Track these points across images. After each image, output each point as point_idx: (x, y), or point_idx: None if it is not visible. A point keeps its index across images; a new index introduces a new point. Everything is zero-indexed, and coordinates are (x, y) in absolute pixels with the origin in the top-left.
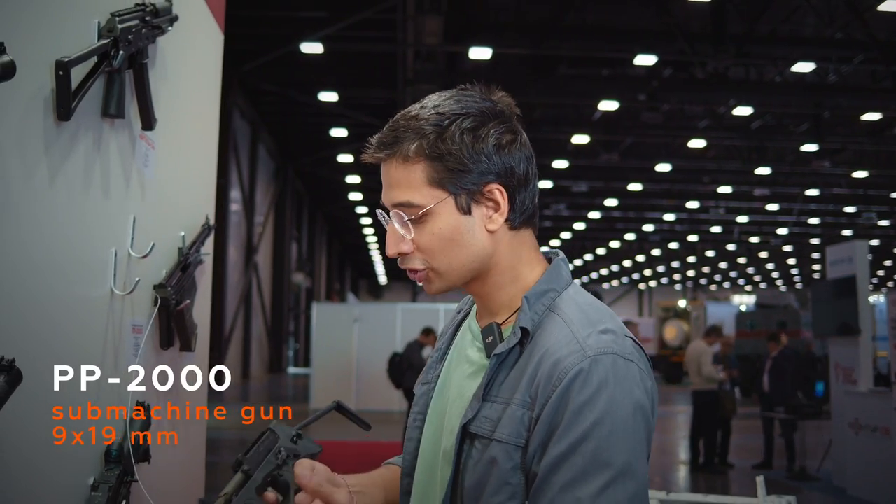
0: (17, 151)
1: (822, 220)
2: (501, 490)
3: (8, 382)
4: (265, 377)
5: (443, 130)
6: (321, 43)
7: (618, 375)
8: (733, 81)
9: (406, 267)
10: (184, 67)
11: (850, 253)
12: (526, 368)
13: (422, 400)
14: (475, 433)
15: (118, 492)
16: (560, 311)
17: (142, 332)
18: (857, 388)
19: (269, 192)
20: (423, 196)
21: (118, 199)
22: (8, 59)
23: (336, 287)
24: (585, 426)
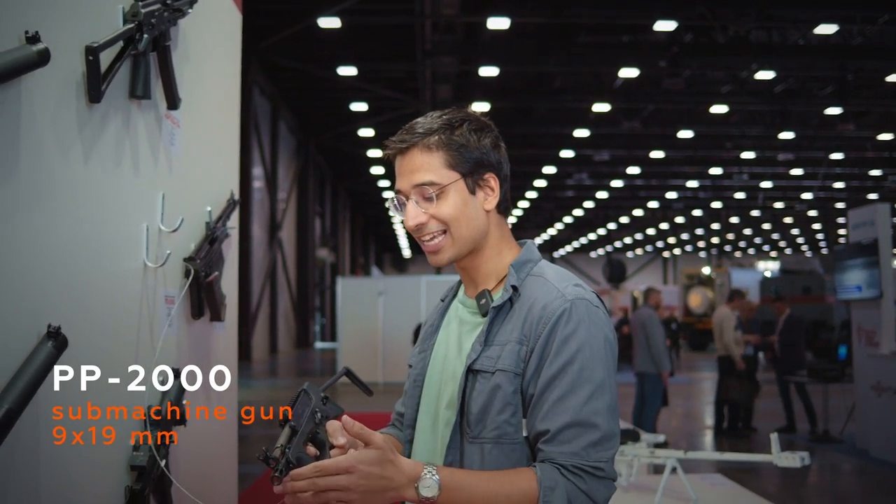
0: (54, 133)
1: (847, 184)
2: (505, 409)
3: (56, 347)
4: (292, 352)
5: (454, 128)
6: (339, 17)
7: (590, 315)
8: (755, 45)
9: (424, 234)
10: (204, 48)
11: (872, 216)
12: (517, 316)
13: (420, 364)
14: (478, 369)
15: (158, 452)
16: (539, 274)
17: (174, 302)
18: (879, 350)
19: (291, 169)
20: (442, 176)
21: (147, 177)
22: (43, 46)
23: (360, 261)
24: (571, 352)
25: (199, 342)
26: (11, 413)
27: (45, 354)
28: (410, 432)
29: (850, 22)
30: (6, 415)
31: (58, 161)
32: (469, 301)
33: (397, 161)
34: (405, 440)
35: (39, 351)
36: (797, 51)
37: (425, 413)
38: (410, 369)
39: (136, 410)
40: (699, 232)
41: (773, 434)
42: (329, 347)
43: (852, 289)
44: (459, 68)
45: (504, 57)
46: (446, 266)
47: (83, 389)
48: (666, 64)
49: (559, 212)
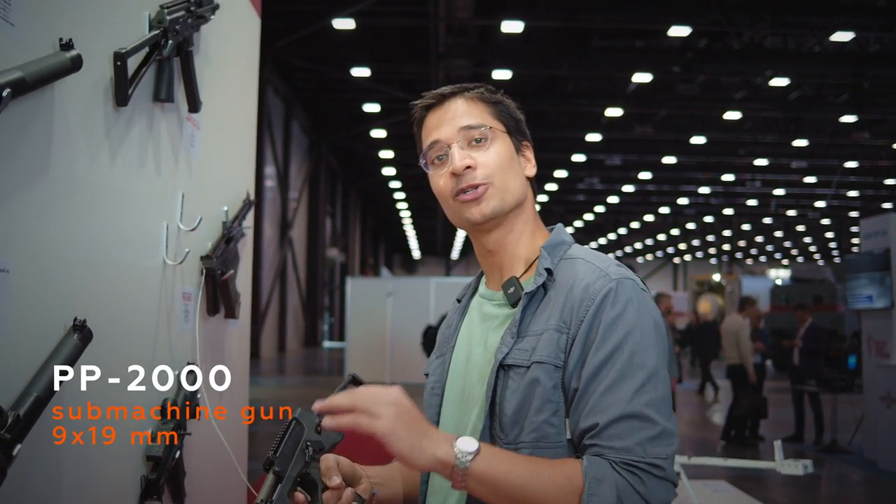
0: (83, 136)
1: (861, 192)
2: (544, 408)
3: (81, 340)
4: (301, 351)
5: (493, 93)
6: (353, 18)
7: (638, 296)
8: (770, 51)
9: (468, 183)
10: (224, 52)
11: (885, 225)
12: (553, 302)
13: (438, 370)
14: (511, 364)
15: (173, 443)
16: (575, 256)
17: (190, 299)
18: (889, 361)
19: (302, 168)
20: (490, 122)
21: (168, 177)
22: (76, 53)
23: (370, 261)
24: (619, 336)
25: (213, 338)
26: (39, 401)
27: (71, 346)
28: None
29: (866, 29)
30: (34, 403)
31: (86, 162)
32: (493, 293)
33: (432, 115)
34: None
35: (66, 343)
36: (812, 58)
37: (447, 425)
38: (428, 378)
39: (153, 403)
40: (710, 238)
41: (776, 442)
42: (337, 347)
43: (863, 298)
44: (473, 71)
45: (517, 60)
46: (488, 220)
47: (104, 382)
48: (680, 69)
49: (570, 216)
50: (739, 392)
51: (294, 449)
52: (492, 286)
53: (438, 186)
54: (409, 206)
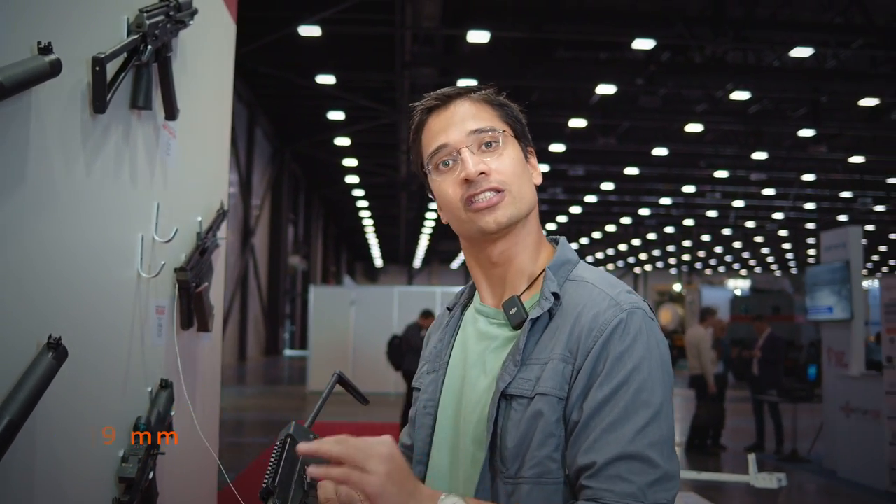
0: (60, 144)
1: (817, 205)
2: (547, 442)
3: (56, 359)
4: (261, 359)
5: (498, 96)
6: (319, 26)
7: (648, 327)
8: (731, 66)
9: (483, 188)
10: (200, 58)
11: (844, 238)
12: (560, 330)
13: (431, 388)
14: (514, 394)
15: (146, 463)
16: (581, 278)
17: (164, 312)
18: (848, 371)
19: (265, 175)
20: (499, 125)
21: (144, 187)
22: (55, 57)
23: (332, 270)
24: (626, 371)
25: (186, 353)
26: (13, 425)
27: (45, 366)
28: (422, 469)
29: (824, 45)
30: (7, 427)
31: (63, 171)
32: (491, 311)
33: (435, 118)
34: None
35: (40, 362)
36: (772, 73)
37: (441, 447)
38: (418, 393)
39: (125, 421)
40: (671, 249)
41: (750, 455)
42: (298, 355)
43: (823, 310)
44: (438, 80)
45: (482, 70)
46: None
47: (74, 400)
48: (643, 81)
49: None
50: (700, 402)
51: (291, 475)
52: (488, 301)
53: (446, 194)
54: (371, 214)
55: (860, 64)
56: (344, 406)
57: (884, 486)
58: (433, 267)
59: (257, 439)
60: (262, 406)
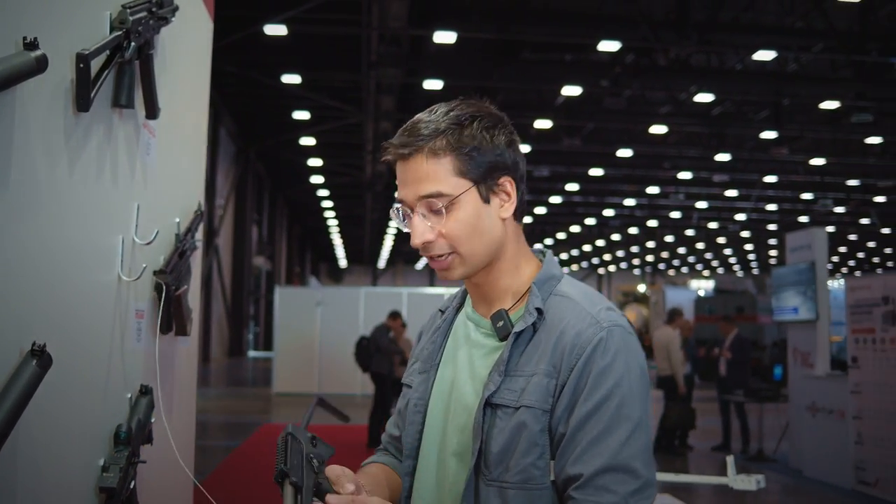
0: (43, 143)
1: (779, 206)
2: (531, 450)
3: (40, 366)
4: (225, 360)
5: (464, 127)
6: (285, 25)
7: (627, 344)
8: (695, 68)
9: (430, 254)
10: (178, 56)
11: (810, 240)
12: (543, 343)
13: (421, 388)
14: (499, 403)
15: (127, 473)
16: (565, 294)
17: (143, 316)
18: (814, 371)
19: (229, 175)
20: (452, 186)
21: (125, 187)
22: (41, 52)
23: (296, 270)
24: (609, 386)
25: (165, 358)
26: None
27: (30, 374)
28: (412, 463)
29: (786, 49)
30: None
31: (46, 172)
32: (481, 320)
33: (399, 166)
34: (405, 472)
35: (24, 370)
36: (735, 76)
37: (430, 445)
38: (408, 390)
39: (105, 429)
40: (634, 249)
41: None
42: (262, 357)
43: (789, 310)
44: (404, 80)
45: (449, 71)
46: (460, 279)
47: (54, 407)
48: (608, 83)
49: None
50: (670, 403)
51: (300, 461)
52: (479, 310)
53: (411, 243)
54: (336, 214)
55: (821, 68)
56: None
57: (849, 485)
58: (398, 267)
59: (223, 442)
60: (227, 408)
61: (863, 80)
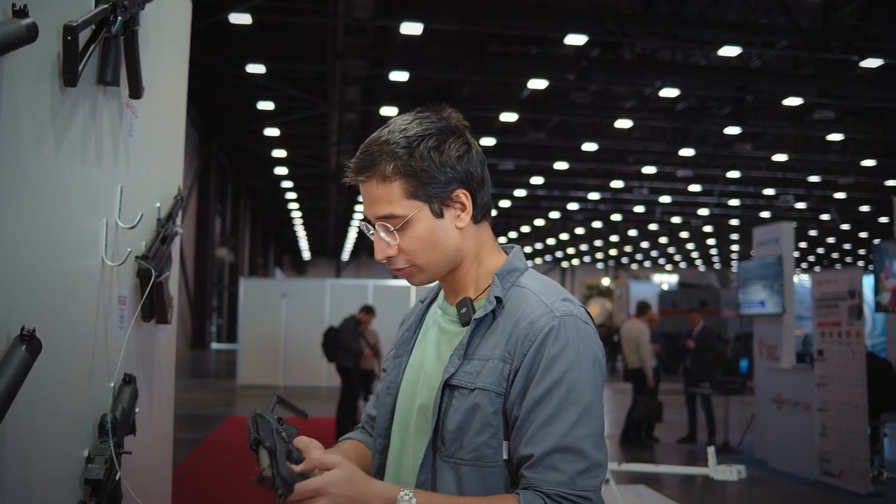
0: (30, 119)
1: (741, 201)
2: (484, 430)
3: (30, 352)
4: (188, 353)
5: (412, 150)
6: (250, 14)
7: (580, 333)
8: (660, 63)
9: (393, 267)
10: (158, 36)
11: (777, 234)
12: (500, 330)
13: (394, 371)
14: (456, 385)
15: (113, 464)
16: (525, 285)
17: (125, 303)
18: (780, 364)
19: (192, 166)
20: (403, 207)
21: (108, 169)
22: (31, 20)
23: (260, 262)
24: (559, 372)
25: (145, 346)
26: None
27: (19, 360)
28: (383, 441)
29: (750, 46)
30: None
31: (33, 150)
32: (449, 308)
33: (360, 186)
34: (376, 449)
35: (13, 356)
36: (699, 71)
37: (398, 424)
38: (384, 374)
39: (89, 419)
40: (598, 243)
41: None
42: (226, 349)
43: (756, 304)
44: (369, 71)
45: (414, 62)
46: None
47: (39, 396)
48: (574, 77)
49: None
50: (638, 396)
51: (270, 432)
52: (449, 299)
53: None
54: (300, 206)
55: (784, 64)
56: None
57: (814, 476)
58: (361, 260)
59: (188, 434)
60: (191, 400)
61: (825, 77)
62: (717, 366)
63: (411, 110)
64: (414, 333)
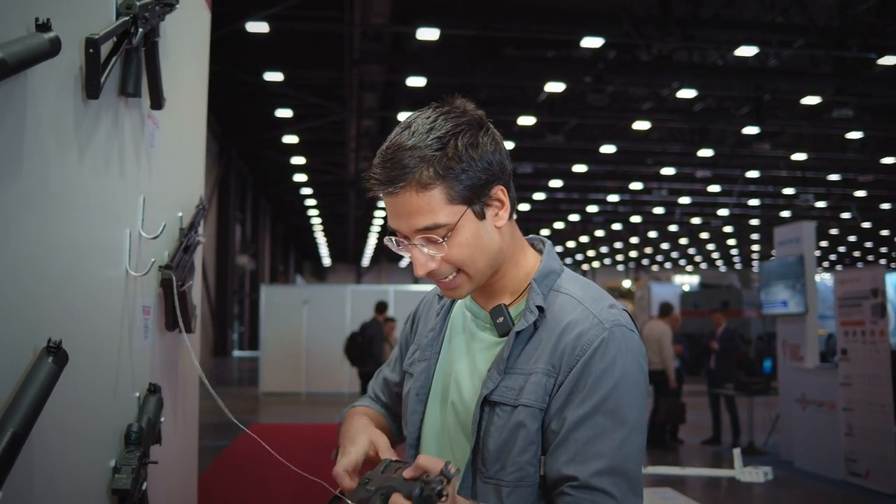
0: (53, 131)
1: (761, 201)
2: (528, 449)
3: (57, 363)
4: (210, 361)
5: (448, 150)
6: (267, 22)
7: (628, 345)
8: (677, 64)
9: (436, 279)
10: (178, 46)
11: (798, 233)
12: (543, 342)
13: (423, 376)
14: (497, 401)
15: (139, 474)
16: (565, 290)
17: (150, 313)
18: (804, 364)
19: (212, 174)
20: (447, 215)
21: (131, 179)
22: (54, 34)
23: (280, 269)
24: (606, 389)
25: (170, 355)
26: (17, 437)
27: (46, 372)
28: (413, 453)
29: (767, 45)
30: (12, 439)
31: (57, 162)
32: (481, 313)
33: (386, 199)
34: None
35: (40, 368)
36: (716, 71)
37: (429, 435)
38: (409, 378)
39: (115, 429)
40: (618, 245)
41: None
42: (248, 356)
43: (778, 304)
44: (386, 77)
45: (431, 67)
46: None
47: (66, 407)
48: (591, 80)
49: None
50: (660, 398)
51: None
52: (478, 300)
53: (415, 273)
54: (319, 212)
55: (801, 63)
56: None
57: (840, 476)
58: (382, 265)
59: (213, 442)
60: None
61: (843, 75)
62: (740, 366)
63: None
64: (439, 334)
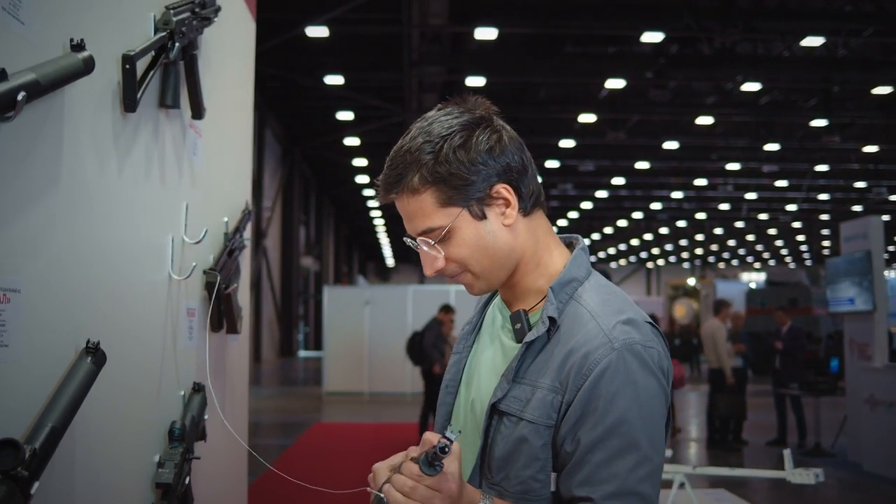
0: (92, 143)
1: (831, 195)
2: (532, 464)
3: (95, 363)
4: (276, 361)
5: (437, 154)
6: (326, 26)
7: (642, 364)
8: (741, 57)
9: (448, 275)
10: (222, 56)
11: (865, 229)
12: (553, 355)
13: (454, 368)
14: (504, 411)
15: (182, 469)
16: (584, 301)
17: (195, 315)
18: (872, 363)
19: (276, 177)
20: (440, 218)
21: (172, 187)
22: (88, 54)
23: (344, 270)
24: (620, 411)
25: (216, 355)
26: (56, 432)
27: (85, 371)
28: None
29: (835, 34)
30: (50, 435)
31: (95, 172)
32: (506, 311)
33: (395, 203)
34: None
35: (79, 367)
36: (782, 63)
37: (458, 425)
38: (447, 370)
39: (160, 426)
40: (683, 243)
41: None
42: (313, 356)
43: (845, 301)
44: (446, 78)
45: (491, 66)
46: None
47: (111, 405)
48: (652, 75)
49: None
50: (717, 395)
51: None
52: (506, 299)
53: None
54: (382, 213)
55: (872, 52)
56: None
57: None
58: None
59: (275, 441)
60: (279, 408)
61: None
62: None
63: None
64: (474, 329)
